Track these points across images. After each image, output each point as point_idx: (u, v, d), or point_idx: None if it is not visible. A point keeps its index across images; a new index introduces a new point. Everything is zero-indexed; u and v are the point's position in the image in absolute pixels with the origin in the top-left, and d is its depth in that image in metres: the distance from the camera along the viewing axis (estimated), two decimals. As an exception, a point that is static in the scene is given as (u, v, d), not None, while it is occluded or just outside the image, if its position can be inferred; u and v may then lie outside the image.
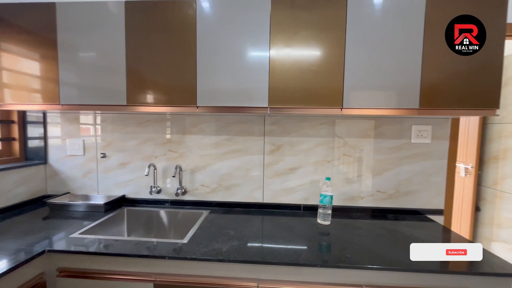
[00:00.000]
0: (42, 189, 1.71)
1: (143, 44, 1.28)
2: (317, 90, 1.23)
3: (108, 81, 1.31)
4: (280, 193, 1.62)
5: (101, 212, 1.50)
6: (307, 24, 1.21)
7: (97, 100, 1.32)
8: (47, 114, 1.69)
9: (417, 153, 1.56)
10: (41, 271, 1.07)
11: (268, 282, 1.04)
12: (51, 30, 1.31)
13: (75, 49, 1.31)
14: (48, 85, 1.33)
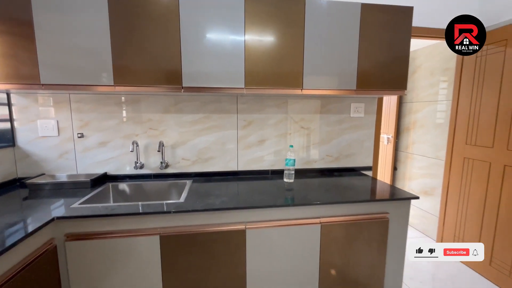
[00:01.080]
0: (12, 172, 1.67)
1: (128, 29, 1.38)
2: (283, 74, 1.54)
3: (93, 62, 1.38)
4: (252, 162, 1.93)
5: (87, 188, 1.59)
6: (275, 18, 1.48)
7: (81, 80, 1.39)
8: (11, 95, 1.64)
9: (354, 124, 2.03)
10: (51, 237, 1.18)
11: (253, 223, 1.36)
12: (27, 10, 1.30)
13: (55, 29, 1.33)
14: (27, 64, 1.34)
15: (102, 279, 1.28)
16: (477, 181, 2.04)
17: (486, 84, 1.96)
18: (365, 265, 1.52)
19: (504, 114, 1.82)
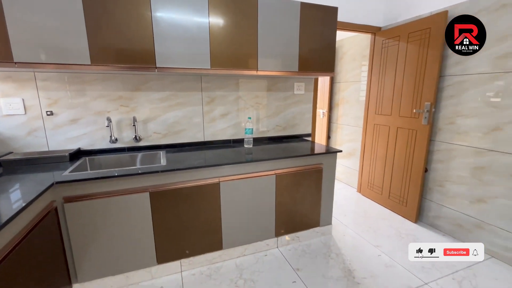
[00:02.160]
0: (-26, 152, 1.66)
1: (102, 12, 1.51)
2: (242, 57, 1.88)
3: (67, 42, 1.48)
4: (216, 133, 2.27)
5: (65, 162, 1.71)
6: (235, 10, 1.79)
7: (57, 59, 1.49)
8: (-34, 72, 1.59)
9: (297, 100, 2.53)
10: (51, 200, 1.35)
11: (224, 177, 1.74)
12: (-7, -13, 1.32)
13: (27, 8, 1.39)
14: (-3, 42, 1.37)
15: (100, 234, 1.51)
16: (381, 141, 2.79)
17: (387, 69, 2.65)
18: (307, 202, 2.07)
19: (397, 91, 2.54)
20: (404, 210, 2.55)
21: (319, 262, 1.90)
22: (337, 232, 2.31)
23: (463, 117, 2.07)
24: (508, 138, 1.81)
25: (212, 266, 1.84)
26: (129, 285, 1.66)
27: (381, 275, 1.76)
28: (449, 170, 2.20)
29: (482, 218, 2.00)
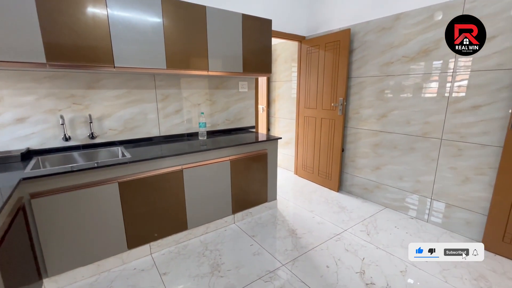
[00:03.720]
0: None
1: (57, 9, 1.56)
2: (193, 59, 2.14)
3: (23, 42, 1.49)
4: (172, 128, 2.46)
5: (17, 162, 1.67)
6: (186, 16, 2.03)
7: (10, 57, 1.48)
8: None
9: (242, 97, 2.90)
10: (19, 196, 1.38)
11: (186, 165, 1.99)
12: None
13: (-28, 5, 1.35)
14: None
15: (69, 227, 1.58)
16: (310, 129, 3.42)
17: (311, 70, 3.27)
18: (256, 182, 2.48)
19: (320, 88, 3.18)
20: (329, 183, 3.24)
21: (269, 229, 2.33)
22: (281, 205, 2.81)
23: (364, 108, 2.81)
24: (391, 121, 2.58)
25: (180, 245, 2.07)
26: (100, 273, 1.76)
27: (315, 230, 2.30)
28: (357, 148, 2.94)
29: (378, 180, 2.78)
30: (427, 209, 2.42)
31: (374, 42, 2.60)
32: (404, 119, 2.47)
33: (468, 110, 2.07)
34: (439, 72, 2.19)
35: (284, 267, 1.83)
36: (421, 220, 2.46)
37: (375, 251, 2.00)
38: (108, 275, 1.75)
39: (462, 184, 2.17)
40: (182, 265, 1.84)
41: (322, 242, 2.12)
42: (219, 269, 1.81)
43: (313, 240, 2.15)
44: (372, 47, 2.64)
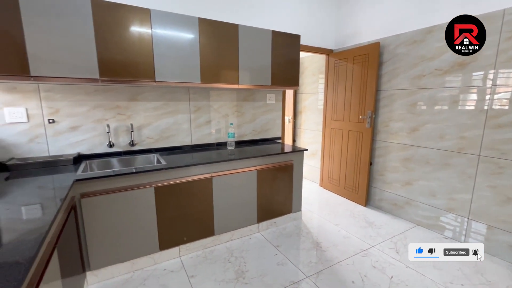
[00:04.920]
0: (-24, 158, 1.75)
1: (109, 31, 1.78)
2: (226, 73, 2.27)
3: (81, 60, 1.72)
4: (202, 137, 2.60)
5: (70, 165, 1.89)
6: (220, 35, 2.18)
7: (70, 74, 1.71)
8: (-28, 84, 1.71)
9: (269, 109, 2.99)
10: (72, 195, 1.56)
11: (216, 173, 2.10)
12: (16, 13, 1.52)
13: (44, 29, 1.60)
14: (16, 59, 1.55)
15: (111, 225, 1.74)
16: (337, 142, 3.40)
17: (339, 83, 3.28)
18: (281, 193, 2.52)
19: (347, 101, 3.17)
20: (356, 197, 3.16)
21: (293, 240, 2.34)
22: (306, 217, 2.80)
23: (394, 121, 2.74)
24: (423, 135, 2.49)
25: (206, 250, 2.16)
26: (135, 271, 1.89)
27: (341, 244, 2.27)
28: (387, 162, 2.86)
29: (409, 196, 2.66)
30: (464, 229, 2.27)
31: (405, 55, 2.56)
32: (438, 134, 2.38)
33: (510, 126, 1.95)
34: (476, 85, 2.10)
35: (308, 279, 1.82)
36: (457, 241, 2.31)
37: (404, 270, 1.91)
38: (142, 273, 1.87)
39: (504, 204, 2.02)
40: (209, 270, 1.92)
41: (348, 257, 2.08)
42: (244, 276, 1.85)
43: (338, 254, 2.11)
44: (403, 60, 2.60)
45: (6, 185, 1.50)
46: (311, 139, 3.99)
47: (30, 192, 1.38)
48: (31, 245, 0.83)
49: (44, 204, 1.22)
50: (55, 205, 1.19)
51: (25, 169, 1.76)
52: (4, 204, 1.23)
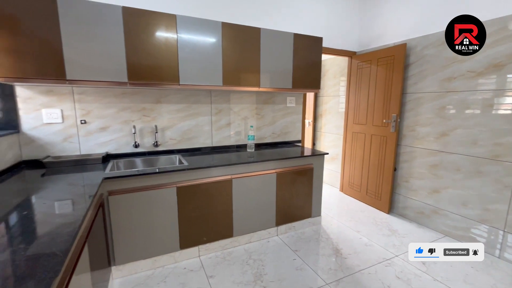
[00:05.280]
0: (17, 156, 1.89)
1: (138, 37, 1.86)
2: (247, 76, 2.29)
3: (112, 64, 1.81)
4: (222, 139, 2.64)
5: (99, 163, 1.99)
6: (242, 38, 2.21)
7: (101, 77, 1.80)
8: (16, 87, 1.85)
9: (289, 111, 2.97)
10: (101, 192, 1.64)
11: (236, 175, 2.11)
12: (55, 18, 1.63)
13: (80, 37, 1.70)
14: (54, 64, 1.67)
15: (135, 223, 1.81)
16: (359, 146, 3.30)
17: (362, 86, 3.20)
18: (301, 197, 2.49)
19: (370, 104, 3.08)
20: (379, 204, 3.05)
21: (312, 245, 2.30)
22: (326, 222, 2.74)
23: (420, 126, 2.62)
24: (452, 141, 2.36)
25: (225, 251, 2.18)
26: (156, 268, 1.95)
27: (362, 252, 2.19)
28: (412, 168, 2.73)
29: (437, 205, 2.52)
30: (499, 242, 2.12)
31: (434, 57, 2.45)
32: (469, 139, 2.24)
33: (553, 132, 1.80)
34: (514, 88, 1.96)
35: (328, 286, 1.78)
36: (491, 255, 2.15)
37: (431, 283, 1.81)
38: (162, 270, 1.92)
39: (546, 217, 1.86)
40: (227, 271, 1.93)
41: (370, 266, 2.00)
42: (262, 279, 1.84)
43: (360, 262, 2.04)
44: (431, 61, 2.49)
45: (42, 181, 1.61)
46: (332, 143, 3.91)
47: (63, 188, 1.47)
48: (66, 239, 0.89)
49: (76, 200, 1.30)
50: (86, 201, 1.26)
51: (58, 167, 1.88)
52: (41, 199, 1.32)
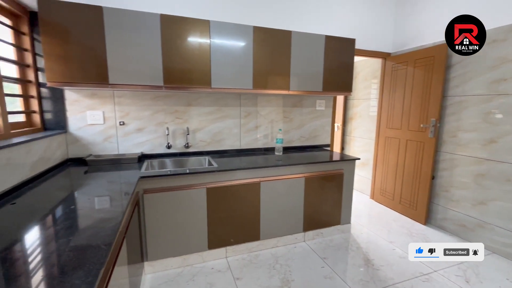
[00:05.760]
0: (64, 154, 2.06)
1: (174, 42, 1.94)
2: (277, 79, 2.29)
3: (149, 69, 1.91)
4: (251, 142, 2.65)
5: (134, 163, 2.10)
6: (273, 42, 2.21)
7: (140, 81, 1.91)
8: (65, 91, 2.02)
9: (318, 115, 2.91)
10: (137, 190, 1.73)
11: (264, 178, 2.11)
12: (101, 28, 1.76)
13: (122, 44, 1.82)
14: (99, 69, 1.80)
15: (166, 221, 1.87)
16: (392, 151, 3.13)
17: (397, 88, 3.04)
18: (330, 203, 2.41)
19: (406, 108, 2.91)
20: (414, 213, 2.86)
21: (342, 253, 2.21)
22: (355, 230, 2.63)
23: (463, 131, 2.42)
24: (502, 148, 2.15)
25: (252, 254, 2.17)
26: (185, 266, 2.00)
27: (396, 264, 2.06)
28: (453, 177, 2.53)
29: (483, 218, 2.30)
30: (559, 264, 1.87)
31: (481, 57, 2.25)
32: (523, 147, 2.02)
33: None
34: None
35: (359, 298, 1.70)
36: (548, 278, 1.91)
37: (477, 304, 1.65)
38: (191, 269, 1.97)
39: None
40: (254, 274, 1.92)
41: (405, 280, 1.88)
42: (289, 285, 1.81)
43: (394, 275, 1.92)
44: (477, 62, 2.29)
45: (85, 178, 1.73)
46: (362, 148, 3.76)
47: (104, 185, 1.57)
48: (109, 233, 0.94)
49: (116, 197, 1.37)
50: (125, 198, 1.33)
51: (99, 165, 2.01)
52: (85, 195, 1.42)
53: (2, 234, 0.94)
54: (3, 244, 0.86)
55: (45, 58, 1.68)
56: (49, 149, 1.81)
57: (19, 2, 1.74)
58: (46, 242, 0.90)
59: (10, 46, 1.75)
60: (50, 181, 1.60)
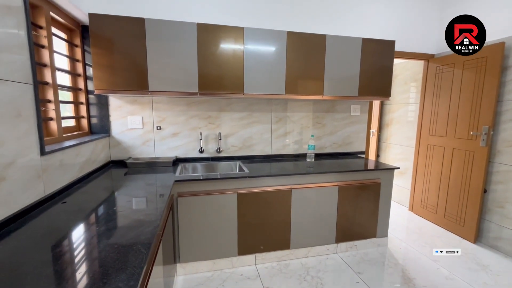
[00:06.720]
0: (107, 156, 2.21)
1: (209, 49, 1.99)
2: (310, 85, 2.23)
3: (185, 76, 1.98)
4: (281, 148, 2.62)
5: (169, 166, 2.18)
6: (307, 46, 2.17)
7: (177, 88, 1.98)
8: (109, 97, 2.18)
9: (353, 121, 2.79)
10: (172, 193, 1.79)
11: (295, 185, 2.06)
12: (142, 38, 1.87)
13: (162, 53, 1.91)
14: (139, 77, 1.90)
15: (198, 225, 1.90)
16: (435, 161, 2.89)
17: (441, 93, 2.80)
18: (365, 214, 2.28)
19: (452, 114, 2.67)
20: (461, 230, 2.59)
21: (378, 269, 2.07)
22: (393, 245, 2.45)
23: (524, 140, 2.15)
24: None
25: (281, 263, 2.12)
26: (215, 271, 2.01)
27: (442, 286, 1.87)
28: (509, 191, 2.25)
29: (548, 240, 2.01)
30: None
31: (546, 56, 1.99)
32: None
33: None
34: None
35: (399, 321, 1.56)
36: None
37: None
38: (221, 274, 1.97)
39: None
40: (284, 284, 1.87)
41: (453, 305, 1.69)
42: (321, 299, 1.73)
43: (439, 299, 1.75)
44: (541, 62, 2.03)
45: (125, 180, 1.83)
46: (399, 155, 3.52)
47: (143, 187, 1.64)
48: (148, 236, 0.97)
49: (153, 199, 1.43)
50: (162, 201, 1.37)
51: (137, 167, 2.12)
52: (125, 196, 1.49)
53: (56, 232, 1.02)
54: (57, 241, 0.93)
55: (94, 67, 1.81)
56: (95, 152, 1.95)
57: (73, 17, 1.91)
58: (92, 242, 0.95)
59: (65, 57, 1.92)
60: (95, 182, 1.72)
